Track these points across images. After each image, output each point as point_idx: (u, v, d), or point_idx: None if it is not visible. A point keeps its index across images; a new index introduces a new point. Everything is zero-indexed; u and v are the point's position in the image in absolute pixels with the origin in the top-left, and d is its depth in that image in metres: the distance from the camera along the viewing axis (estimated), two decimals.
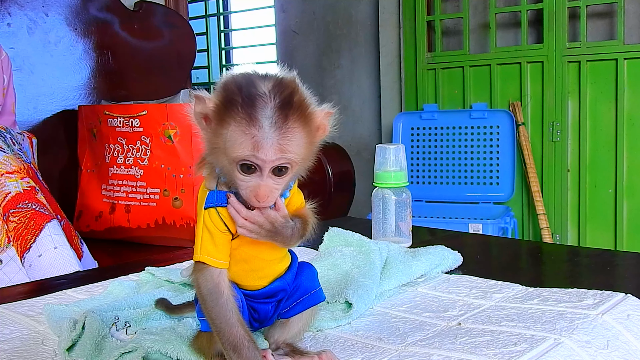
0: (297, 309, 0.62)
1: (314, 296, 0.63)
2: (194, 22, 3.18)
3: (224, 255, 0.56)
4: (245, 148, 0.52)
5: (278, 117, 0.52)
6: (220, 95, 0.54)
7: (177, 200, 1.56)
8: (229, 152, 0.53)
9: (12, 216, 1.21)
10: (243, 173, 0.53)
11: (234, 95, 0.53)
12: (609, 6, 2.29)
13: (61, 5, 1.89)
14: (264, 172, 0.53)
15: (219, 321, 0.55)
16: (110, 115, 1.65)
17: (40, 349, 0.67)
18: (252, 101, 0.52)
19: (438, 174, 2.51)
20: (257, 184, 0.53)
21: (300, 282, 0.62)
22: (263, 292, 0.60)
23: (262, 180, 0.53)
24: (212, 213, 0.56)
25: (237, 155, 0.52)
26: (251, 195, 0.54)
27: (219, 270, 0.56)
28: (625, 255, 1.04)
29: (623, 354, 0.62)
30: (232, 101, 0.52)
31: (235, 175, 0.54)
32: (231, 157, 0.53)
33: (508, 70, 2.46)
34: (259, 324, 0.62)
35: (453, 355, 0.60)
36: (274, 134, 0.52)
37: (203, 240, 0.56)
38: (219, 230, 0.56)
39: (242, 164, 0.53)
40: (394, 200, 1.03)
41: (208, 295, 0.55)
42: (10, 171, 1.25)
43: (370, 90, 2.96)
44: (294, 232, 0.57)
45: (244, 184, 0.54)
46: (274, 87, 0.53)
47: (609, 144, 2.29)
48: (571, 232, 2.39)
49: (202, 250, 0.56)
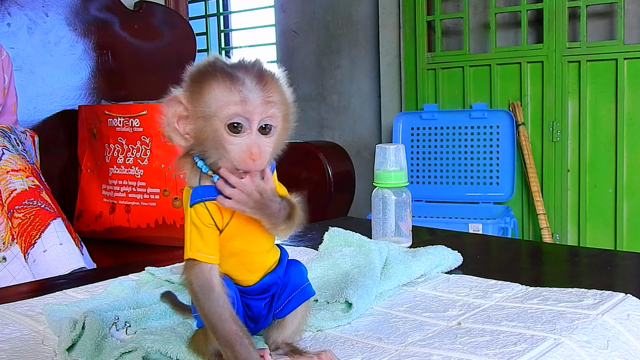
0: (290, 307, 0.62)
1: (304, 291, 0.62)
2: (194, 22, 3.18)
3: (213, 250, 0.56)
4: (232, 104, 0.53)
5: (259, 75, 0.54)
6: (192, 77, 0.55)
7: (177, 200, 1.56)
8: (216, 113, 0.53)
9: (17, 212, 1.21)
10: (232, 134, 0.54)
11: (209, 68, 0.54)
12: (609, 6, 2.28)
13: (61, 5, 1.89)
14: (252, 129, 0.54)
15: (211, 317, 0.55)
16: (110, 115, 1.65)
17: (40, 349, 0.67)
18: (231, 65, 0.54)
19: (438, 174, 2.51)
20: (249, 142, 0.54)
21: (288, 278, 0.62)
22: (256, 288, 0.60)
23: (253, 138, 0.54)
24: (197, 209, 0.56)
25: (225, 113, 0.53)
26: (245, 156, 0.54)
27: (209, 265, 0.56)
28: (625, 255, 1.04)
29: (623, 354, 0.62)
30: (209, 71, 0.54)
31: (225, 140, 0.54)
32: (220, 117, 0.53)
33: (508, 70, 2.46)
34: (254, 324, 0.62)
35: (453, 355, 0.60)
36: (257, 87, 0.54)
37: (192, 237, 0.56)
38: (205, 225, 0.56)
39: (230, 123, 0.53)
40: (394, 200, 1.03)
41: (200, 291, 0.55)
42: (16, 169, 1.26)
43: (370, 90, 2.96)
44: (281, 209, 0.56)
45: (234, 146, 0.54)
46: (246, 58, 0.56)
47: (609, 144, 2.28)
48: (571, 232, 2.39)
49: (191, 248, 0.56)
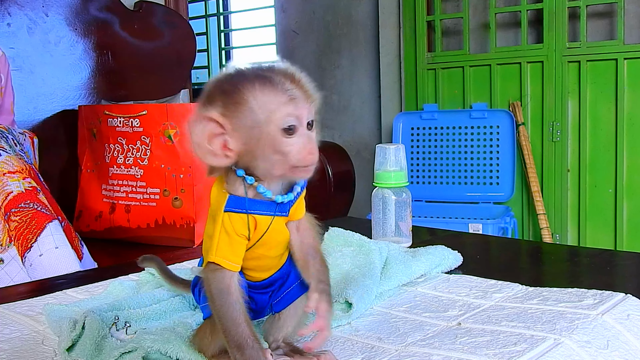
0: (287, 299, 0.62)
1: (304, 283, 0.62)
2: (194, 22, 3.18)
3: (238, 258, 0.56)
4: (284, 105, 0.53)
5: (289, 74, 0.54)
6: (224, 90, 0.54)
7: (177, 200, 1.56)
8: (269, 119, 0.53)
9: (14, 215, 1.21)
10: (288, 136, 0.53)
11: (240, 77, 0.54)
12: (609, 6, 2.28)
13: (61, 5, 1.89)
14: (303, 126, 0.54)
15: (225, 320, 0.55)
16: (110, 115, 1.65)
17: (40, 349, 0.67)
18: (261, 69, 0.54)
19: (438, 174, 2.51)
20: (305, 140, 0.54)
21: (290, 269, 0.62)
22: (264, 283, 0.61)
23: (306, 135, 0.54)
24: (232, 216, 0.56)
25: (278, 116, 0.53)
26: (305, 154, 0.54)
27: (231, 272, 0.56)
28: (625, 255, 1.04)
29: (623, 354, 0.62)
30: (242, 81, 0.53)
31: (282, 144, 0.53)
32: (274, 122, 0.53)
33: (508, 70, 2.46)
34: (253, 314, 0.62)
35: (453, 355, 0.60)
36: (295, 85, 0.54)
37: (220, 241, 0.56)
38: (237, 234, 0.56)
39: (286, 126, 0.53)
40: (394, 200, 1.03)
41: (218, 295, 0.55)
42: (12, 171, 1.25)
43: (370, 90, 2.96)
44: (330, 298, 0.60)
45: (293, 147, 0.54)
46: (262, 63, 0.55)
47: (609, 144, 2.29)
48: (571, 232, 2.39)
49: (217, 252, 0.56)
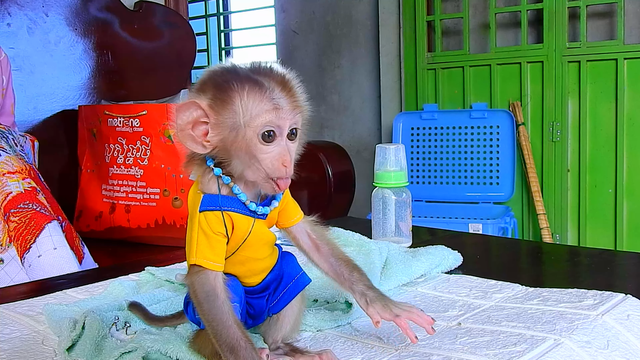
0: (284, 300, 0.62)
1: (298, 282, 0.62)
2: (194, 22, 3.18)
3: (220, 258, 0.56)
4: (265, 113, 0.52)
5: (282, 80, 0.53)
6: (216, 84, 0.53)
7: (177, 200, 1.56)
8: (249, 123, 0.52)
9: (13, 216, 1.21)
10: (265, 143, 0.53)
11: (233, 75, 0.53)
12: (609, 6, 2.28)
13: (61, 5, 1.89)
14: (283, 136, 0.53)
15: (215, 323, 0.54)
16: (110, 115, 1.65)
17: (40, 349, 0.67)
18: (253, 71, 0.53)
19: (438, 174, 2.51)
20: (280, 150, 0.53)
21: (283, 269, 0.62)
22: (258, 287, 0.61)
23: (283, 145, 0.53)
24: (208, 215, 0.55)
25: (258, 123, 0.52)
26: (278, 164, 0.53)
27: (215, 273, 0.55)
28: (625, 255, 1.04)
29: (623, 354, 0.62)
30: (234, 79, 0.53)
31: (257, 150, 0.53)
32: (253, 127, 0.52)
33: (508, 70, 2.45)
34: (252, 320, 0.62)
35: (453, 355, 0.60)
36: (284, 93, 0.53)
37: (199, 243, 0.55)
38: (214, 233, 0.55)
39: (264, 132, 0.52)
40: (394, 200, 1.03)
41: (205, 299, 0.54)
42: (12, 171, 1.25)
43: (370, 90, 2.96)
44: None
45: (267, 155, 0.53)
46: (262, 63, 0.54)
47: (609, 144, 2.28)
48: (571, 232, 2.38)
49: (197, 254, 0.55)
